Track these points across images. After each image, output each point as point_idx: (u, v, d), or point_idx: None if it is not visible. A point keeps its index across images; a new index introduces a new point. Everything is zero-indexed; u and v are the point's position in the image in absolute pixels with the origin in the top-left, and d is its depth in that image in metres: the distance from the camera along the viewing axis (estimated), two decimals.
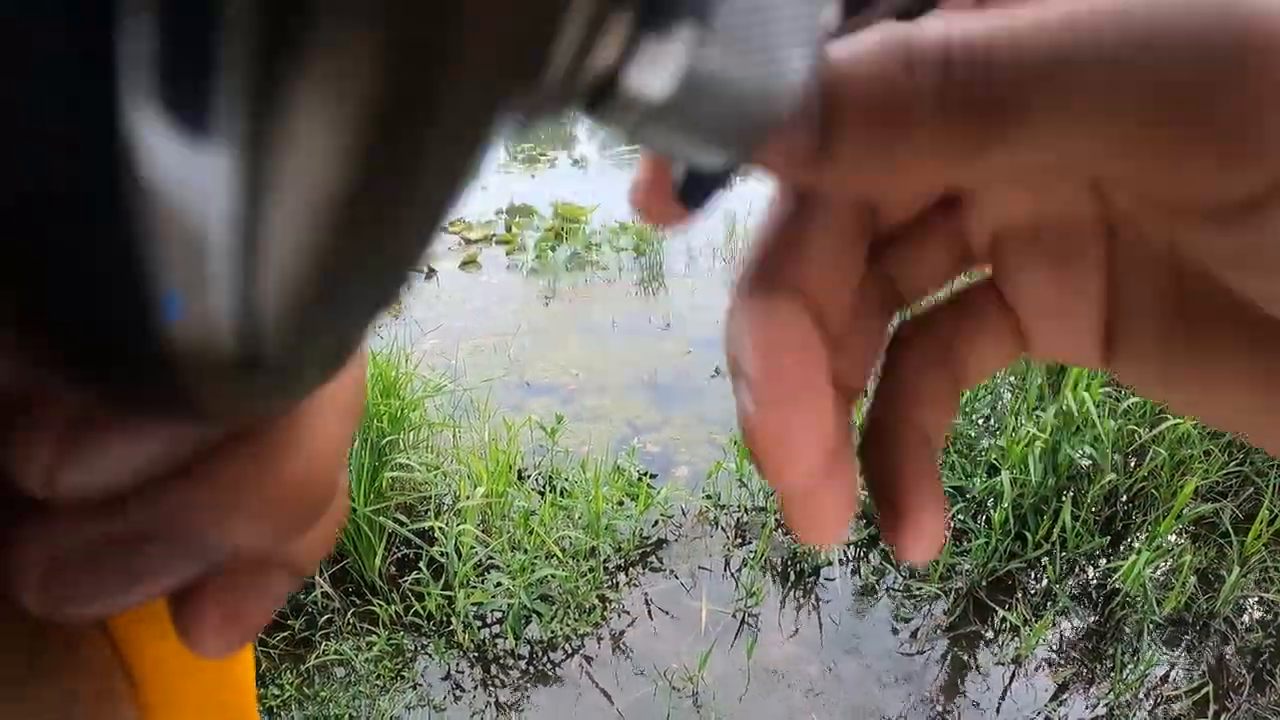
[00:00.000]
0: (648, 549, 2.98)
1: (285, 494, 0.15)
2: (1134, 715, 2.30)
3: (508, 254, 7.50)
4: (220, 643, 0.16)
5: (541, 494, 3.04)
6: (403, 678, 2.44)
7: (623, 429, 3.91)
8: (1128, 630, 2.53)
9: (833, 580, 2.79)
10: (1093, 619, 2.60)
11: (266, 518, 0.15)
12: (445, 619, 2.60)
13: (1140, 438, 2.94)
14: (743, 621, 2.62)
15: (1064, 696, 2.36)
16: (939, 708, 2.35)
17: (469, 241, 7.82)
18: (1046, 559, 2.76)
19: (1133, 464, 3.01)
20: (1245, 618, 2.60)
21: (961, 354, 0.20)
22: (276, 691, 2.37)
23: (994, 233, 0.19)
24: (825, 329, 0.18)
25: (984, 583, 2.70)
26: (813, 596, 2.74)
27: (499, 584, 2.59)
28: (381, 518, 2.73)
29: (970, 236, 0.19)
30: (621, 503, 3.00)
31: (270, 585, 0.16)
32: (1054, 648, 2.51)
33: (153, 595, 0.15)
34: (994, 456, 2.98)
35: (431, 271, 7.07)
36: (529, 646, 2.56)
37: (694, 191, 0.16)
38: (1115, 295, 0.18)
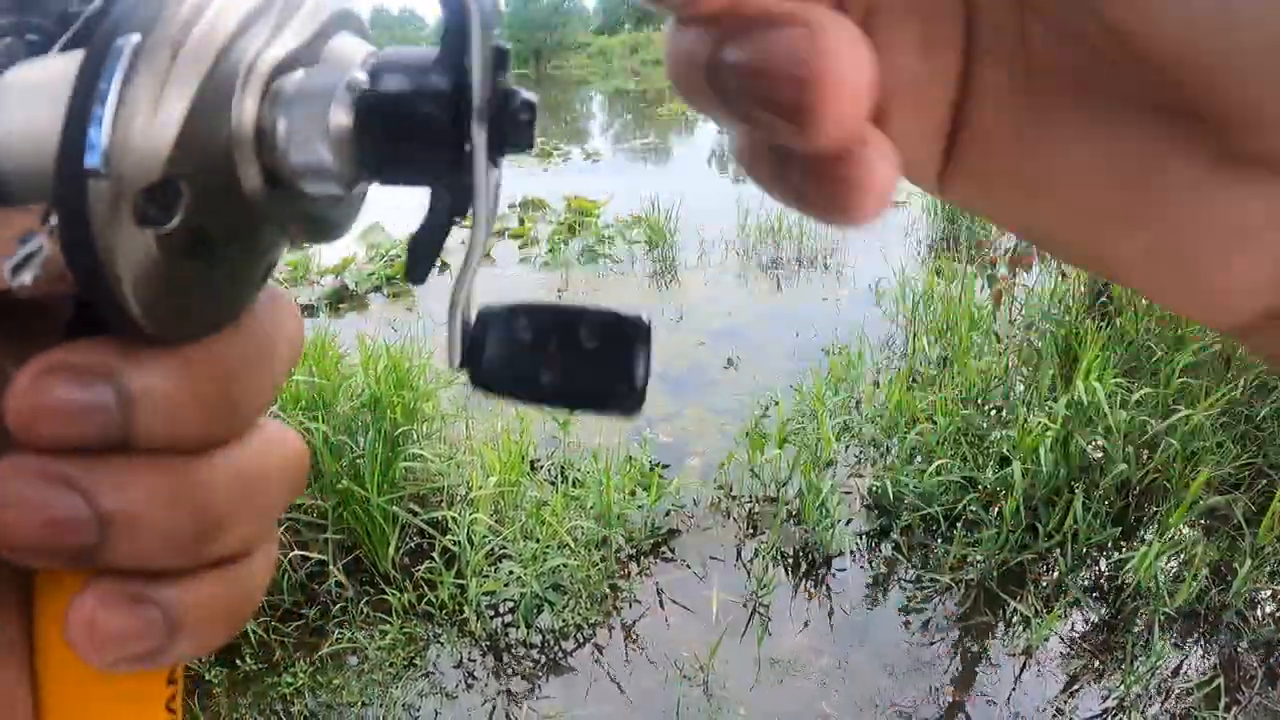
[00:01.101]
0: (659, 539, 2.99)
1: (162, 497, 0.19)
2: (1145, 708, 2.29)
3: (520, 247, 7.50)
4: (87, 636, 0.19)
5: (554, 484, 3.06)
6: (415, 666, 2.46)
7: (635, 420, 3.92)
8: (1139, 623, 2.53)
9: (844, 571, 2.79)
10: (1104, 611, 2.60)
11: (143, 512, 0.18)
12: (458, 608, 2.61)
13: (1152, 429, 2.93)
14: (754, 611, 2.63)
15: (1075, 689, 2.36)
16: (950, 699, 2.35)
17: None
18: (1058, 550, 2.76)
19: (1144, 455, 3.00)
20: (1257, 611, 2.59)
21: None
22: (290, 680, 2.39)
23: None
24: None
25: (995, 574, 2.70)
26: (824, 587, 2.75)
27: (511, 573, 2.61)
28: (395, 507, 2.75)
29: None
30: (633, 493, 3.01)
31: (143, 608, 0.19)
32: (1065, 640, 2.50)
33: (59, 543, 0.18)
34: (1005, 448, 2.97)
35: (444, 265, 7.03)
36: (541, 635, 2.57)
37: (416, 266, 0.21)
38: (968, 79, 0.18)
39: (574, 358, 0.21)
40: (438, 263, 0.21)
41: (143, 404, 0.18)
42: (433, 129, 0.19)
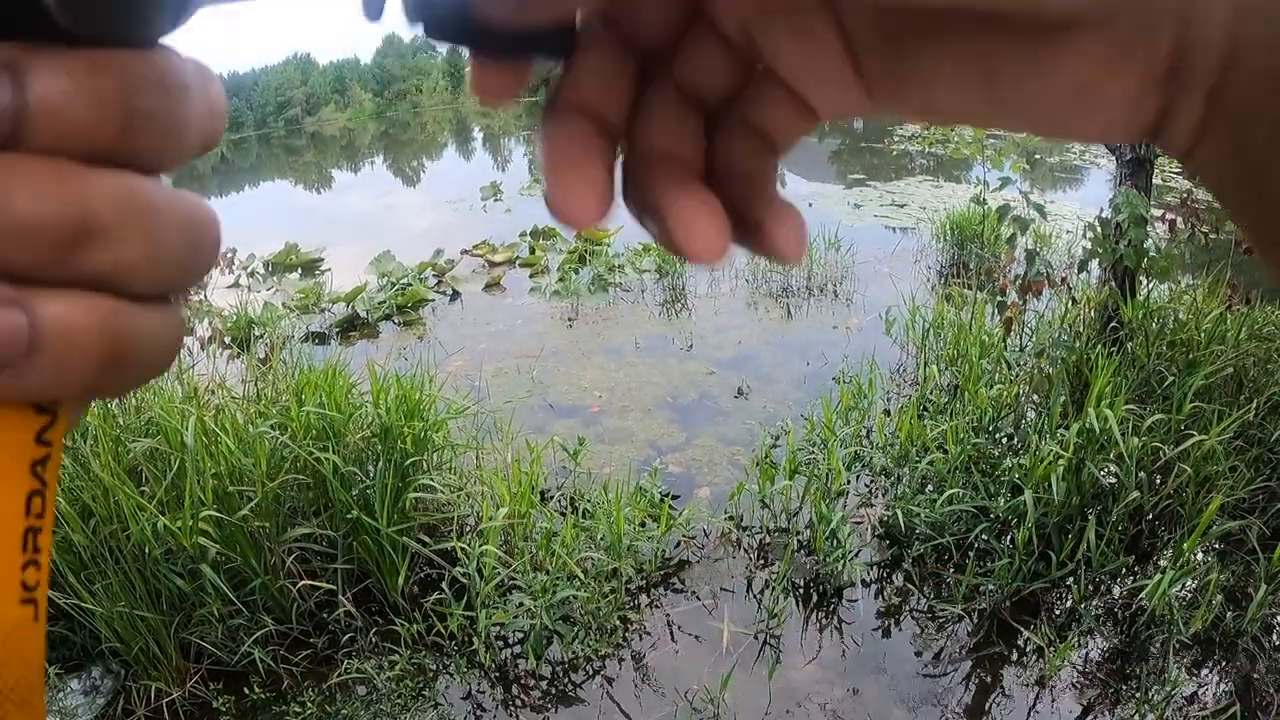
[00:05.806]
0: (669, 570, 2.98)
1: (47, 190, 0.18)
2: None
3: (531, 276, 7.55)
4: None
5: (564, 515, 3.06)
6: (424, 697, 2.45)
7: (645, 450, 3.92)
8: (1154, 650, 2.50)
9: (855, 601, 2.78)
10: (1118, 639, 2.57)
11: (28, 208, 0.18)
12: (467, 639, 2.61)
13: (1165, 454, 2.92)
14: (764, 643, 2.62)
15: (1089, 718, 2.34)
16: None
17: (493, 264, 7.88)
18: (1071, 579, 2.74)
19: (1157, 481, 2.98)
20: (1273, 636, 2.56)
21: (769, 130, 0.26)
22: (298, 709, 2.38)
23: (740, 26, 0.24)
24: (603, 123, 0.25)
25: (1008, 603, 2.68)
26: (835, 618, 2.73)
27: (521, 605, 2.60)
28: (404, 538, 2.75)
29: (729, 34, 0.25)
30: (643, 524, 3.00)
31: (9, 311, 0.18)
32: (1079, 668, 2.48)
33: None
34: (1017, 476, 2.96)
35: (456, 294, 7.15)
36: (550, 667, 2.56)
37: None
38: (849, 43, 0.24)
39: None
40: (448, 291, 0.21)
41: (39, 93, 0.18)
42: None
